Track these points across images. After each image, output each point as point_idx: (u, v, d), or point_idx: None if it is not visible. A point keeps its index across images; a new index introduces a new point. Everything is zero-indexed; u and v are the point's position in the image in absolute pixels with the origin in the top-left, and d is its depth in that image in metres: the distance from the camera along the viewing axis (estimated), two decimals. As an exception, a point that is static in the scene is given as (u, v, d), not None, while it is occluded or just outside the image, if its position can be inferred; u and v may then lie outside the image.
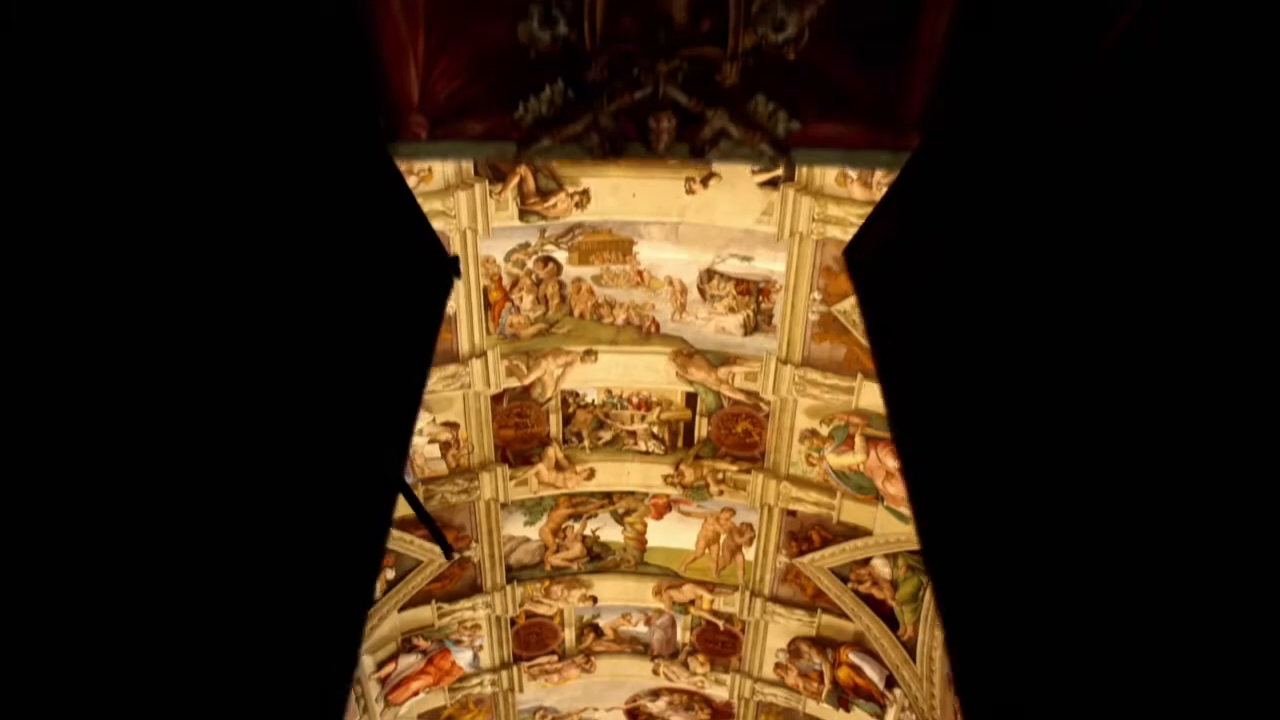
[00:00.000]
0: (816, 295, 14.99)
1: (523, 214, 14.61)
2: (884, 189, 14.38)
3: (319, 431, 2.57)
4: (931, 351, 3.02)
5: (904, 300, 3.18)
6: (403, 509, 15.20)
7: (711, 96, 4.94)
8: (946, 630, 2.73)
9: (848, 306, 14.85)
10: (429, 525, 4.36)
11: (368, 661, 19.36)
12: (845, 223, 14.14)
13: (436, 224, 14.42)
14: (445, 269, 3.22)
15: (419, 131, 4.86)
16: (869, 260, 3.41)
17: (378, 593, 18.45)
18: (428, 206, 14.17)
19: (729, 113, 4.80)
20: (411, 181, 13.96)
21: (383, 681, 20.02)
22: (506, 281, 15.37)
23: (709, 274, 15.37)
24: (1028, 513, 2.53)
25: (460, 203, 14.27)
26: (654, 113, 4.92)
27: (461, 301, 15.22)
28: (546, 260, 15.29)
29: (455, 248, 14.72)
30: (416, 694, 20.83)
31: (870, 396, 15.60)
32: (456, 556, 18.63)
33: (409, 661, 20.17)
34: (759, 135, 4.82)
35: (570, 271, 15.48)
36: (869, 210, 14.15)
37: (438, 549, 18.46)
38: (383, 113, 4.52)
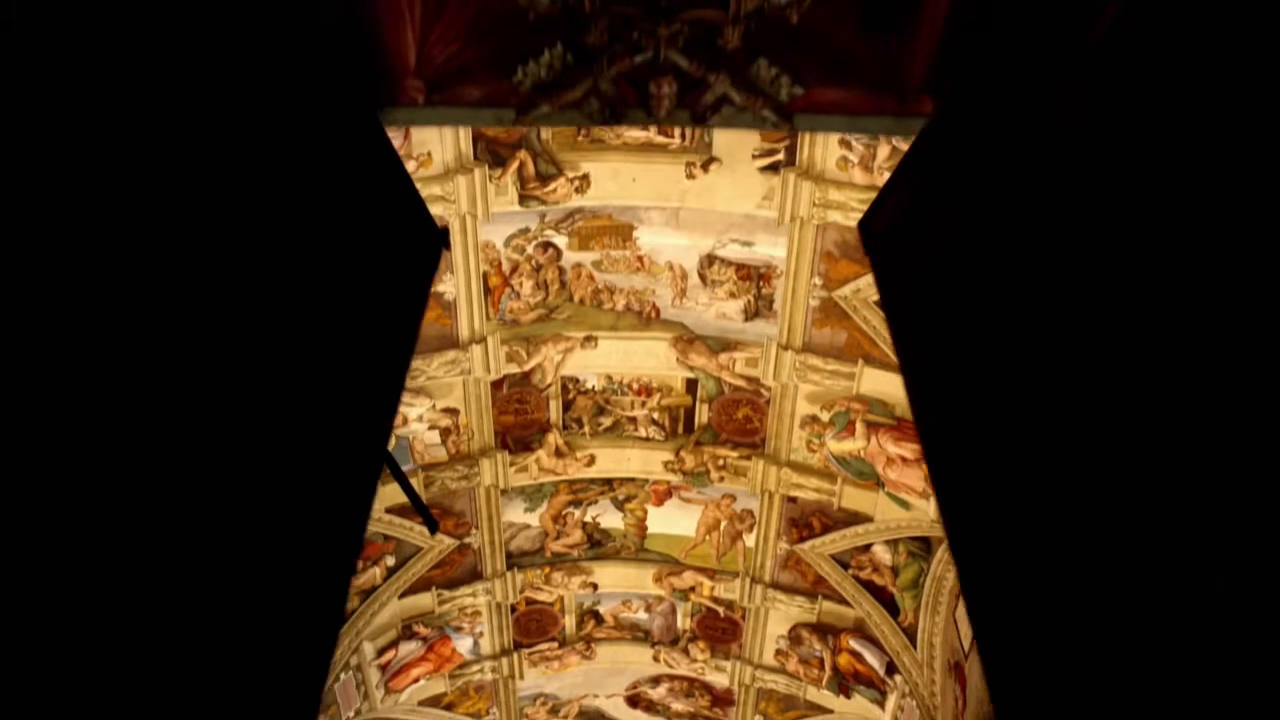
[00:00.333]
0: (817, 281, 14.95)
1: (522, 199, 14.56)
2: (885, 173, 14.34)
3: (303, 401, 2.53)
4: (949, 323, 2.97)
5: (920, 272, 3.13)
6: (399, 495, 15.09)
7: (713, 61, 4.86)
8: (969, 605, 2.67)
9: (848, 292, 14.81)
10: (412, 498, 4.32)
11: (368, 648, 19.35)
12: (846, 207, 14.10)
13: (435, 209, 14.37)
14: (434, 240, 3.17)
15: (416, 96, 4.79)
16: (883, 233, 3.36)
17: (378, 579, 18.44)
18: (426, 191, 14.12)
19: (731, 78, 4.72)
20: (411, 166, 13.92)
21: (383, 668, 20.02)
22: (506, 267, 15.33)
23: (709, 259, 15.33)
24: (1049, 486, 2.48)
25: (460, 187, 14.22)
26: (654, 77, 4.84)
27: (461, 287, 15.17)
28: (546, 245, 15.25)
29: (455, 233, 14.68)
30: (417, 681, 20.83)
31: (871, 382, 15.56)
32: (452, 541, 18.59)
33: (409, 648, 20.17)
34: (761, 101, 4.75)
35: (570, 257, 15.44)
36: (870, 195, 14.13)
37: (439, 536, 18.46)
38: (378, 77, 4.45)
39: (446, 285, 15.07)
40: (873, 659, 19.51)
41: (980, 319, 2.85)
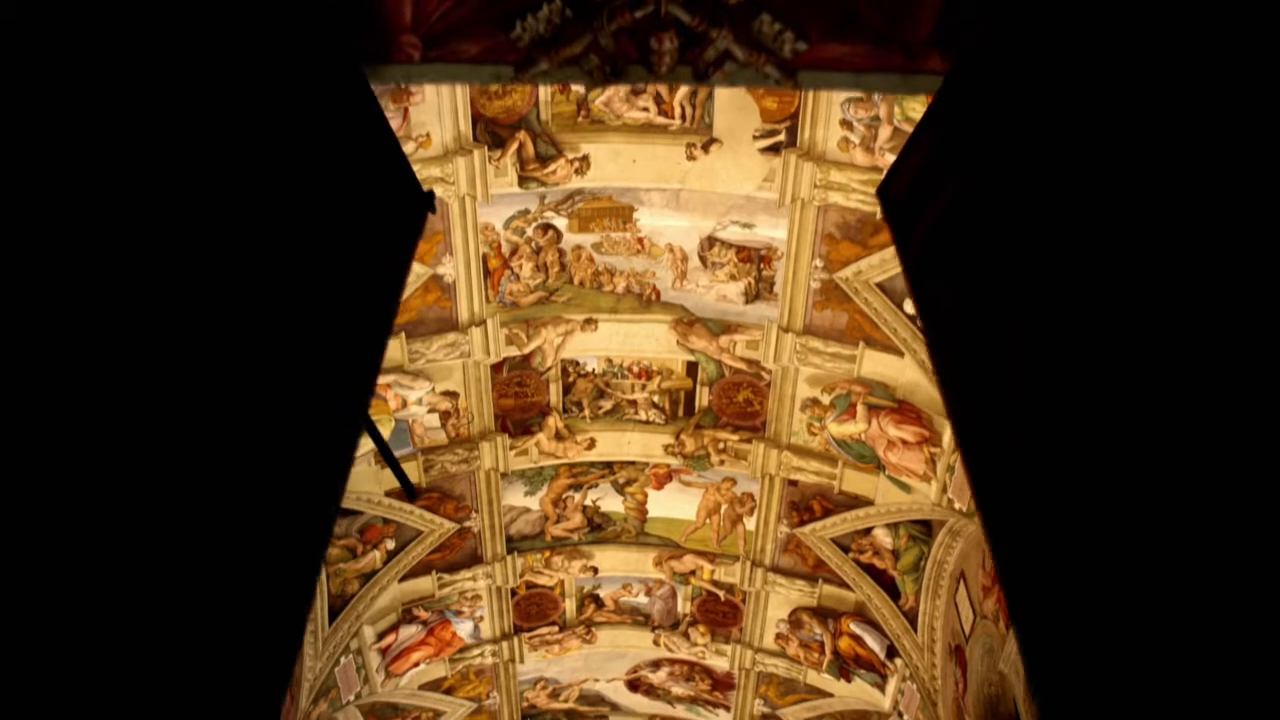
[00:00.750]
0: (818, 262, 14.88)
1: (522, 180, 14.48)
2: (887, 154, 14.26)
3: (283, 361, 2.47)
4: (973, 286, 2.89)
5: (941, 236, 3.05)
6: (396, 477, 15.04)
7: (715, 15, 4.77)
8: (1003, 579, 2.60)
9: (850, 274, 14.75)
10: (391, 464, 4.27)
11: (368, 632, 19.34)
12: (847, 189, 14.04)
13: (435, 190, 14.29)
14: (420, 202, 3.11)
15: (411, 53, 4.70)
16: (902, 198, 3.28)
17: (378, 563, 18.41)
18: (425, 173, 14.05)
19: (733, 33, 4.65)
20: (409, 148, 13.83)
21: (383, 652, 20.01)
22: (506, 249, 15.26)
23: (710, 241, 15.26)
24: (1079, 448, 2.41)
25: (459, 169, 14.14)
26: (656, 33, 4.76)
27: (460, 269, 15.11)
28: (546, 227, 15.19)
29: (454, 215, 14.62)
30: (417, 665, 20.83)
31: (872, 365, 15.51)
32: (452, 525, 18.56)
33: (409, 632, 20.16)
34: (764, 57, 4.67)
35: (570, 239, 15.38)
36: (872, 176, 14.06)
37: (439, 519, 18.42)
38: (372, 34, 4.37)
39: (446, 267, 15.01)
40: (873, 642, 19.50)
41: (1006, 282, 2.77)
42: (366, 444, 16.55)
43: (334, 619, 18.36)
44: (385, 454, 4.19)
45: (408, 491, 5.52)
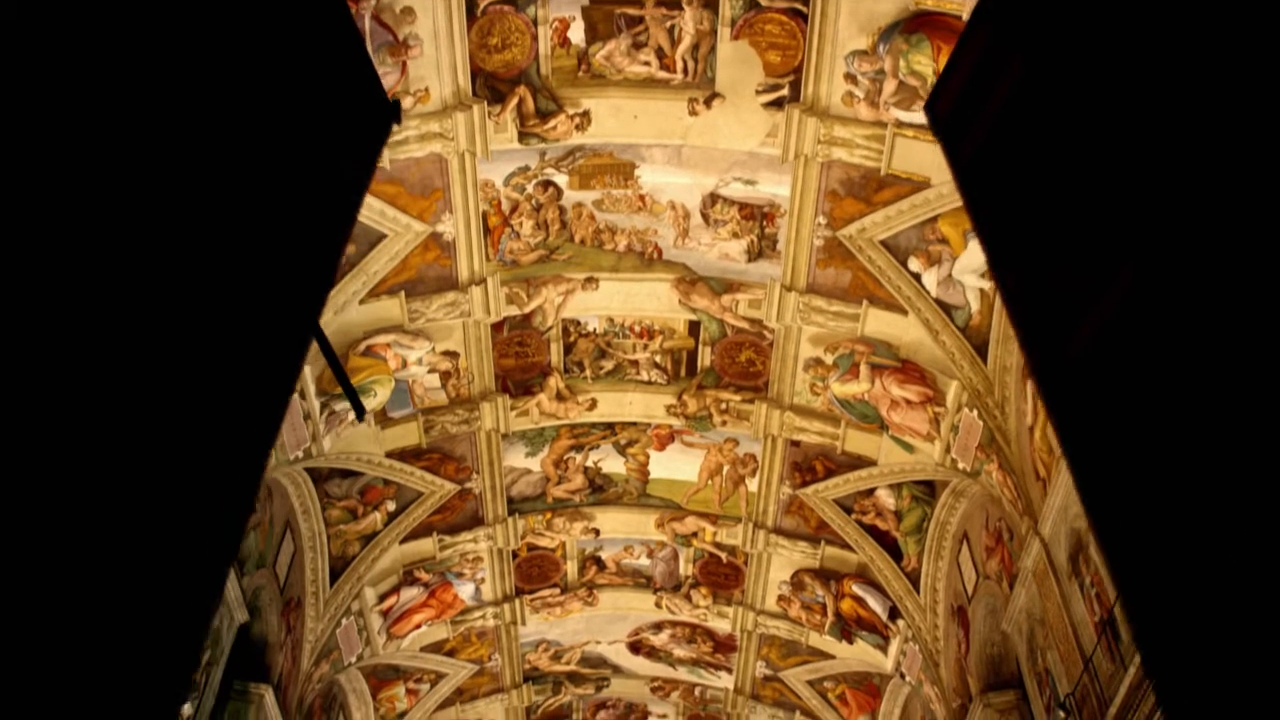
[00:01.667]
0: (822, 220, 14.71)
1: (522, 136, 14.29)
2: (892, 109, 14.02)
3: (229, 266, 2.33)
4: (1032, 190, 2.71)
5: (995, 141, 2.86)
6: (403, 439, 15.00)
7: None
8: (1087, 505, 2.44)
9: (853, 231, 14.58)
10: (341, 379, 4.15)
11: (369, 594, 19.31)
12: (851, 144, 13.85)
13: (434, 147, 14.12)
14: (385, 111, 2.96)
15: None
16: (952, 106, 3.08)
17: (379, 524, 18.35)
18: (424, 128, 13.87)
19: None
20: (408, 103, 13.65)
21: (385, 614, 20.00)
22: (506, 206, 15.09)
23: (712, 198, 15.08)
24: (1157, 356, 2.24)
25: (458, 124, 13.95)
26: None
27: (460, 227, 14.94)
28: (546, 184, 15.00)
29: (453, 171, 14.44)
30: (419, 627, 20.83)
31: (876, 324, 15.36)
32: (453, 486, 18.47)
33: (411, 594, 20.14)
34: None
35: (571, 196, 15.19)
36: (876, 132, 13.85)
37: (439, 480, 18.34)
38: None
39: (445, 225, 14.85)
40: (875, 604, 19.47)
41: (1068, 183, 2.59)
42: (368, 404, 16.46)
43: (335, 581, 18.33)
44: (335, 368, 4.06)
45: (356, 409, 5.40)
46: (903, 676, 19.76)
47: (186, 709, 12.86)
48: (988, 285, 14.02)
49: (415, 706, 22.64)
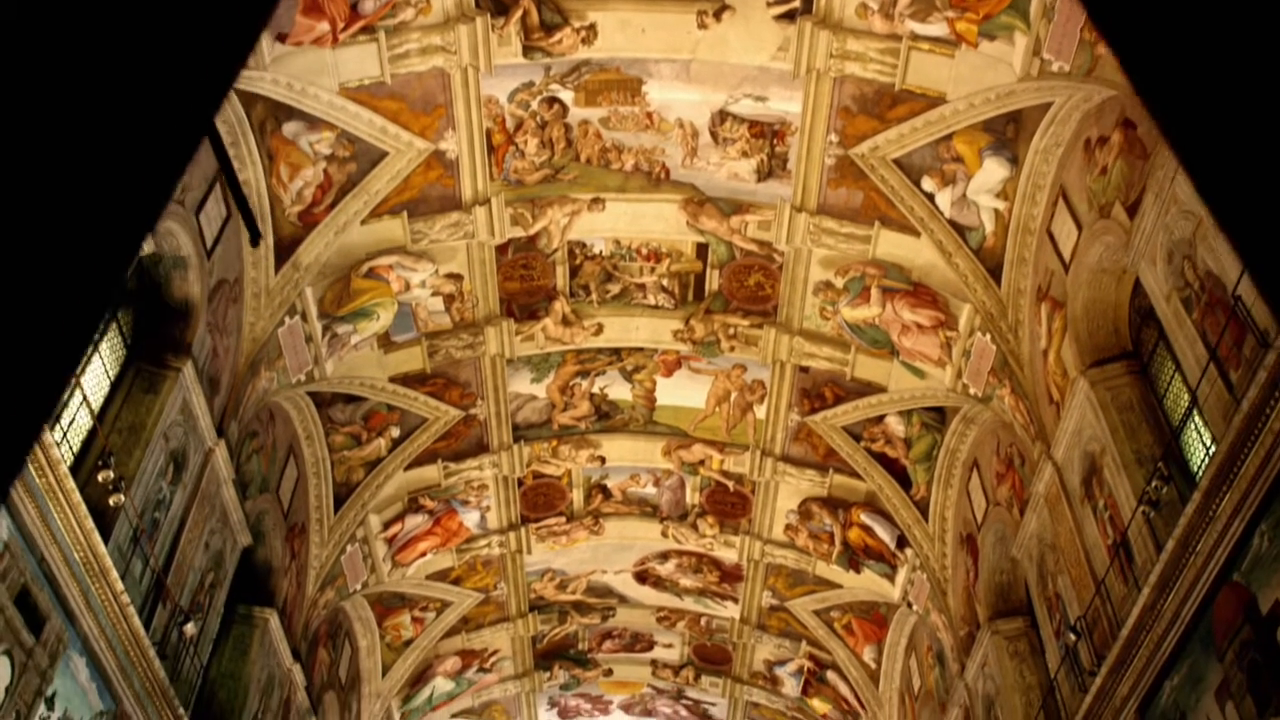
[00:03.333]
0: (833, 138, 14.34)
1: (527, 50, 13.88)
2: (907, 21, 13.60)
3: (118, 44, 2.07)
4: None
5: None
6: (406, 364, 14.71)
7: None
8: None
9: (866, 150, 14.21)
10: (237, 198, 3.91)
11: (374, 521, 19.20)
12: (865, 58, 13.44)
13: (436, 60, 13.73)
14: None
15: None
16: None
17: (383, 450, 18.18)
18: (426, 41, 13.49)
19: None
20: (408, 14, 13.25)
21: (390, 542, 19.90)
22: (510, 124, 14.72)
23: (721, 115, 14.69)
24: None
25: (461, 38, 13.55)
26: None
27: (464, 145, 14.60)
28: (551, 101, 14.62)
29: (456, 86, 14.06)
30: (424, 555, 20.75)
31: (887, 246, 15.03)
32: (458, 412, 18.28)
33: (416, 521, 20.02)
34: None
35: (576, 113, 14.81)
36: (890, 45, 13.41)
37: (444, 406, 18.14)
38: None
39: (448, 143, 14.50)
40: (883, 533, 19.33)
41: None
42: (370, 328, 16.21)
43: (339, 507, 18.21)
44: (231, 182, 3.83)
45: (252, 234, 5.16)
46: (910, 605, 19.67)
47: (190, 628, 12.75)
48: (1002, 205, 13.69)
49: (421, 634, 22.65)
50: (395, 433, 18.15)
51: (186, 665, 13.11)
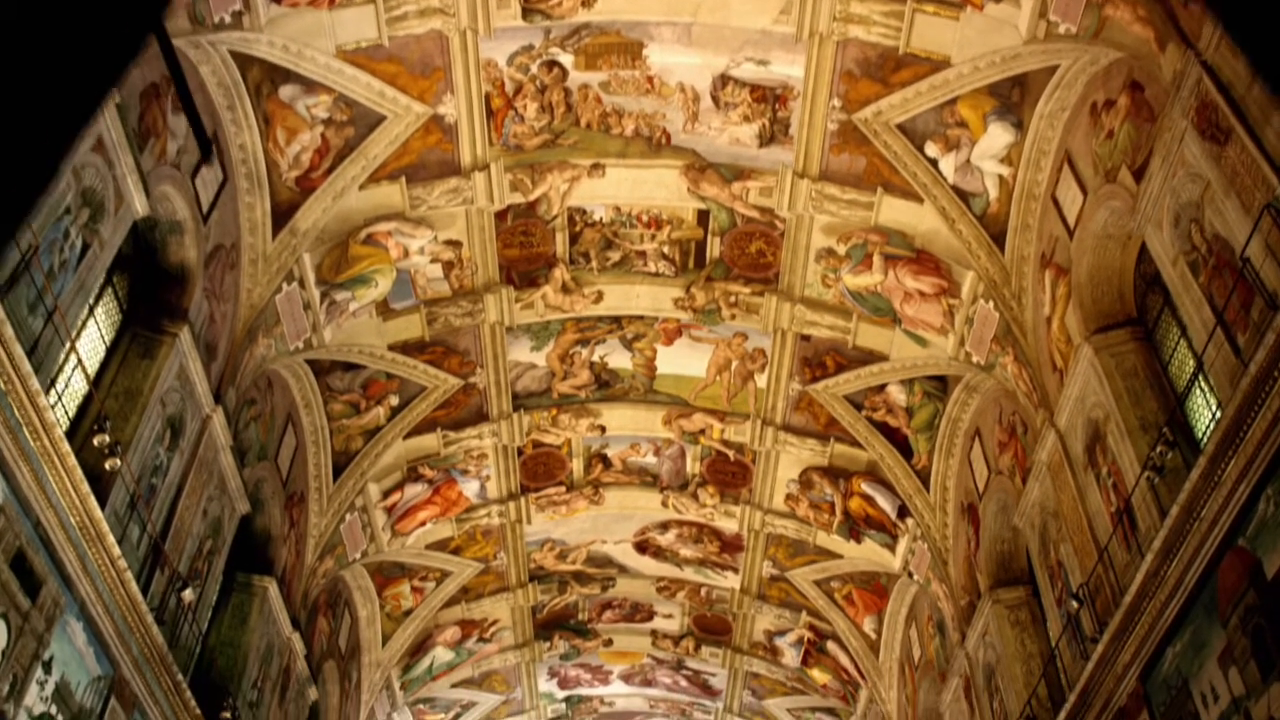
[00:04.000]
0: (836, 102, 14.18)
1: (526, 12, 13.70)
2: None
3: None
4: None
5: None
6: (404, 332, 14.57)
7: None
8: None
9: (869, 114, 14.04)
10: (189, 111, 3.83)
11: (373, 490, 19.11)
12: (869, 21, 13.26)
13: (434, 23, 13.54)
14: None
15: None
16: None
17: (382, 419, 18.07)
18: (424, 3, 13.30)
19: None
20: (407, -25, 13.09)
21: (389, 511, 19.82)
22: (509, 88, 14.55)
23: (723, 80, 14.52)
24: None
25: (459, -1, 13.38)
26: None
27: (462, 109, 14.43)
28: (551, 65, 14.45)
29: (454, 50, 13.89)
30: (424, 524, 20.68)
31: (890, 212, 14.89)
32: (457, 380, 18.16)
33: (415, 491, 19.94)
34: None
35: (576, 77, 14.64)
36: (895, 7, 13.23)
37: (443, 374, 18.02)
38: None
39: (447, 107, 14.34)
40: (884, 502, 19.25)
41: None
42: (368, 296, 16.09)
43: (338, 476, 18.12)
44: (183, 96, 3.75)
45: (203, 149, 5.12)
46: (910, 575, 19.62)
47: (188, 594, 12.68)
48: (1007, 171, 13.54)
49: (421, 604, 22.63)
50: (394, 401, 18.05)
51: (185, 632, 13.05)
